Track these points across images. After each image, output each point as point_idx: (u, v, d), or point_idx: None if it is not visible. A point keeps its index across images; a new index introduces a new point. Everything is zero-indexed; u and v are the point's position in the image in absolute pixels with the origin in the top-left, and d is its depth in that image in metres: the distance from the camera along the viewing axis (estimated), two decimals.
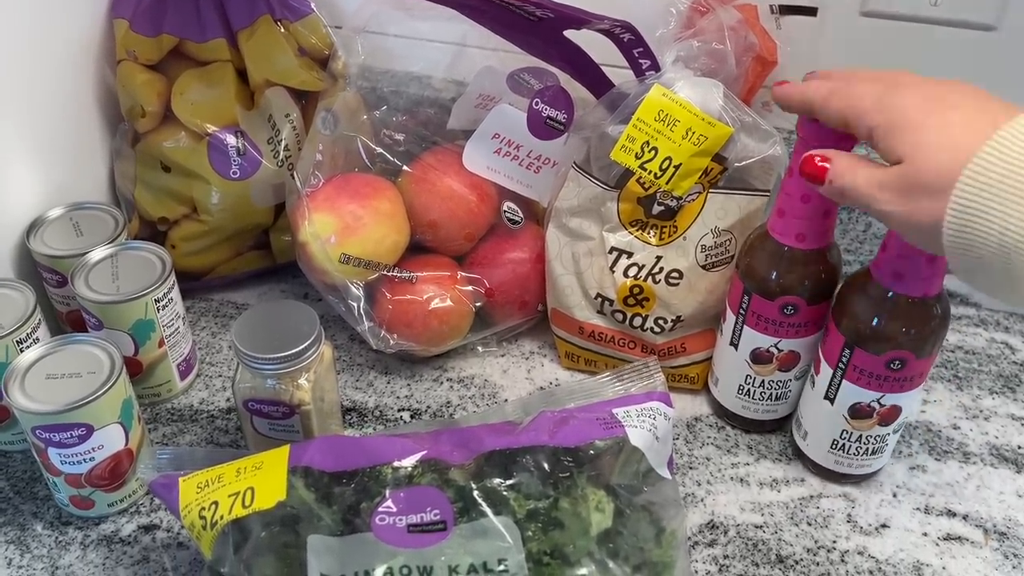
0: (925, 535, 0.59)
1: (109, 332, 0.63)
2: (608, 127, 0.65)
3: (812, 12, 0.71)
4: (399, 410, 0.69)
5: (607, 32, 0.64)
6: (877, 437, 0.59)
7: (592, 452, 0.49)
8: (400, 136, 0.71)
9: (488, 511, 0.45)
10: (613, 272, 0.67)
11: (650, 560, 0.47)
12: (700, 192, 0.65)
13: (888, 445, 0.60)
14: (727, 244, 0.65)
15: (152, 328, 0.64)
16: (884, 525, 0.60)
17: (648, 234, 0.67)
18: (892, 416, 0.58)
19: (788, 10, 0.70)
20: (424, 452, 0.48)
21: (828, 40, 0.71)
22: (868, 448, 0.60)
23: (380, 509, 0.45)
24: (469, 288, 0.70)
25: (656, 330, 0.67)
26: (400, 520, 0.45)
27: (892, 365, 0.55)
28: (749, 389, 0.64)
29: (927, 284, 0.53)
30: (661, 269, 0.66)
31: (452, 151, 0.71)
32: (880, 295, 0.54)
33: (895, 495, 0.62)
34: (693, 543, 0.58)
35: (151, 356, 0.66)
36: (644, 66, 0.66)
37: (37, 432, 0.55)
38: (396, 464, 0.47)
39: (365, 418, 0.68)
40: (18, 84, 0.67)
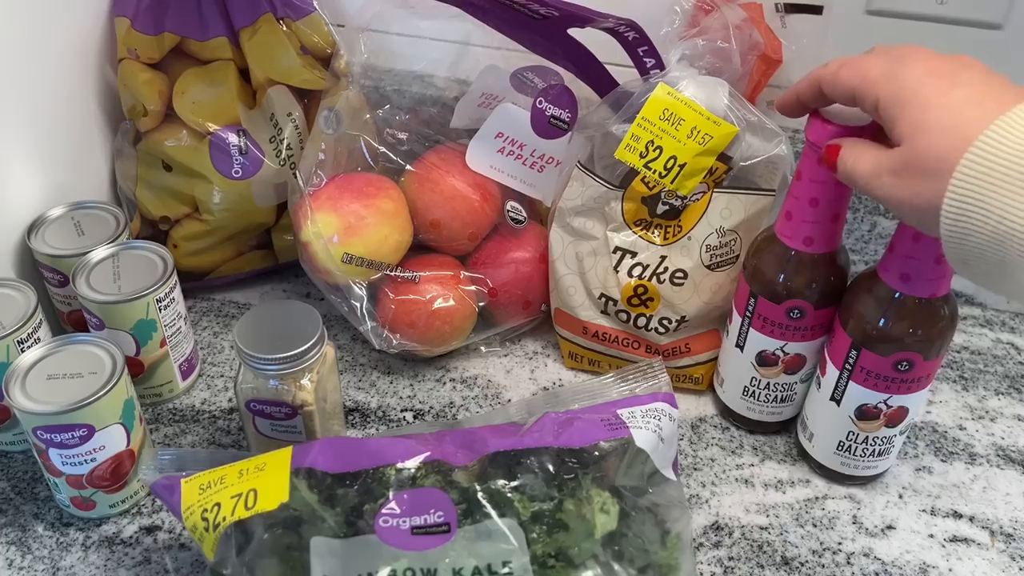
0: (931, 537, 0.59)
1: (110, 332, 0.63)
2: (612, 126, 0.65)
3: (817, 10, 0.70)
4: (402, 411, 0.68)
5: (611, 30, 0.64)
6: (884, 439, 0.59)
7: (597, 453, 0.48)
8: (403, 135, 0.71)
9: (492, 513, 0.45)
10: (617, 272, 0.66)
11: (655, 562, 0.47)
12: (705, 192, 0.65)
13: (894, 446, 0.60)
14: (732, 244, 0.65)
15: (154, 328, 0.64)
16: (890, 527, 0.60)
17: (652, 234, 0.66)
18: (899, 417, 0.58)
19: (793, 8, 0.70)
20: (428, 453, 0.48)
21: (833, 38, 0.71)
22: (874, 450, 0.59)
23: (383, 511, 0.45)
24: (472, 288, 0.69)
25: (660, 330, 0.67)
26: (404, 522, 0.45)
27: (899, 366, 0.55)
28: (754, 391, 0.63)
29: (934, 285, 0.53)
30: (666, 269, 0.66)
31: (455, 150, 0.70)
32: (887, 296, 0.54)
33: (901, 496, 0.62)
34: (698, 545, 0.58)
35: (153, 356, 0.66)
36: (649, 65, 0.66)
37: (38, 433, 0.55)
38: (399, 465, 0.47)
39: (368, 419, 0.68)
40: (19, 83, 0.67)
